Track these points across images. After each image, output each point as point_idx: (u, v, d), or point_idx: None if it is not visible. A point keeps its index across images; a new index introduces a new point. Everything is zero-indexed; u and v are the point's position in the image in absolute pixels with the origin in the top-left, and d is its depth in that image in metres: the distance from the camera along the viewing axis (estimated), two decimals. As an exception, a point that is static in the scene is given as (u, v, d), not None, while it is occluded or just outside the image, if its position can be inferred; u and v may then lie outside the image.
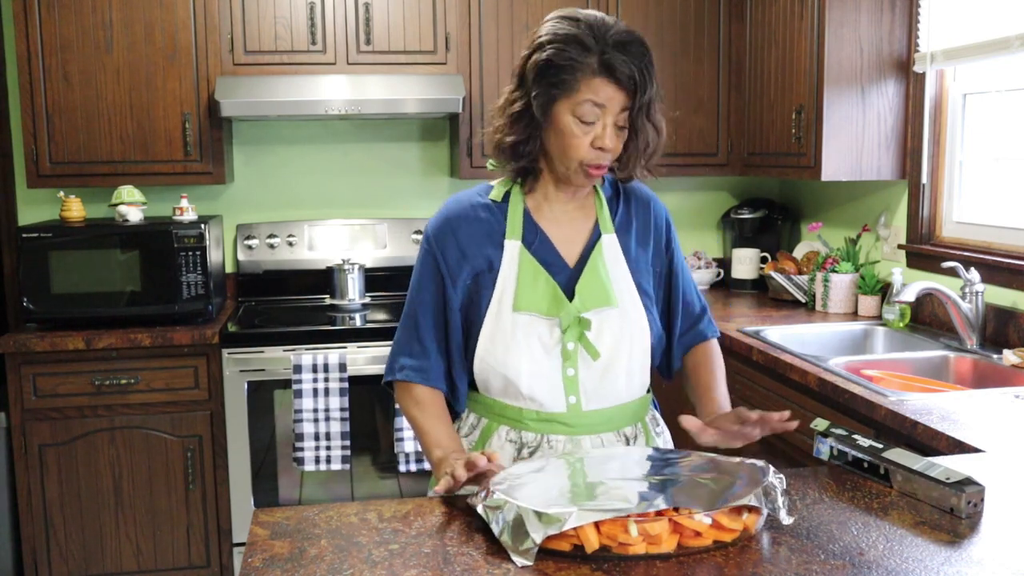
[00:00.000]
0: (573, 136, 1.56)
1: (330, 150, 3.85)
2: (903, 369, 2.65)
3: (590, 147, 1.56)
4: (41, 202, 3.65)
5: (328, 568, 1.23)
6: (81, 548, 3.18)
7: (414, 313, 1.70)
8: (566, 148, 1.57)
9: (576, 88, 1.54)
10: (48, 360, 3.10)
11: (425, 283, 1.71)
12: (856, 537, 1.31)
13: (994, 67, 2.87)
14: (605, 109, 1.55)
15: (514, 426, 1.64)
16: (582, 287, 1.62)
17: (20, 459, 3.13)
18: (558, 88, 1.55)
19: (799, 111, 3.23)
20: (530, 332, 1.61)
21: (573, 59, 1.53)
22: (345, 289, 3.57)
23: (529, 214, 1.67)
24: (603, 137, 1.55)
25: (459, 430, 1.72)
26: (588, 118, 1.55)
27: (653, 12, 3.59)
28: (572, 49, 1.53)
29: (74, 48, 3.28)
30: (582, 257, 1.66)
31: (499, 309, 1.62)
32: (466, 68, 3.52)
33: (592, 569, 1.21)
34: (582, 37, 1.53)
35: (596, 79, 1.53)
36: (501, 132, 1.63)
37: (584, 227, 1.69)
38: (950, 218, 3.10)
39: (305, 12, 3.40)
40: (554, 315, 1.61)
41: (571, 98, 1.54)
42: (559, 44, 1.54)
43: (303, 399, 3.10)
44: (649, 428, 1.73)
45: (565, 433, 1.63)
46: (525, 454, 1.63)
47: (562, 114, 1.56)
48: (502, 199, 1.68)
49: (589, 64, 1.53)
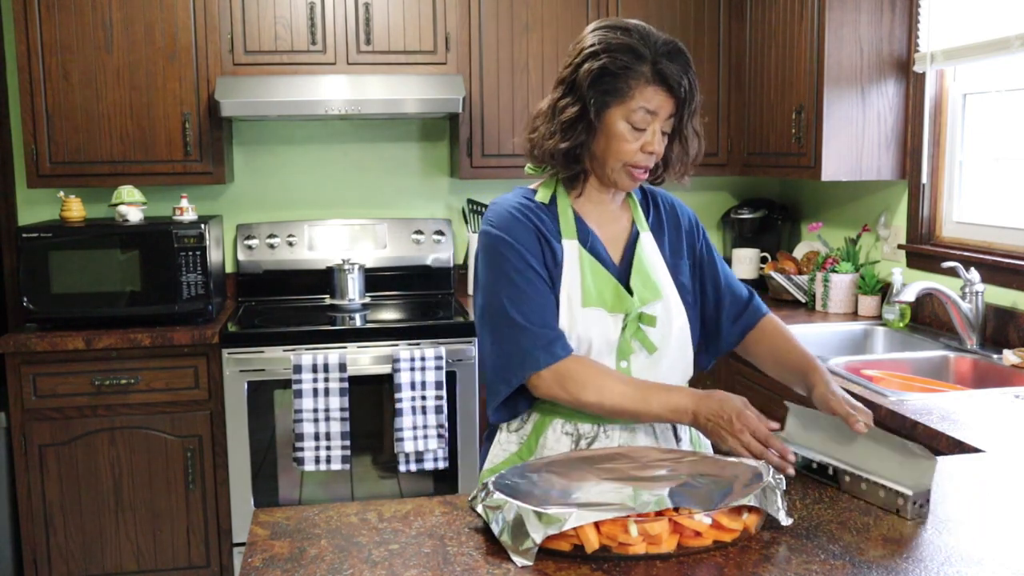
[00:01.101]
0: (625, 141, 1.62)
1: (330, 150, 3.85)
2: (903, 369, 2.65)
3: (638, 151, 1.63)
4: (41, 202, 3.65)
5: (328, 568, 1.23)
6: (81, 548, 3.18)
7: (505, 308, 1.62)
8: (616, 152, 1.63)
9: (630, 95, 1.59)
10: (48, 360, 3.10)
11: (512, 272, 1.64)
12: (856, 537, 1.31)
13: (994, 67, 2.87)
14: (656, 116, 1.61)
15: (569, 419, 1.67)
16: (636, 281, 1.69)
17: (20, 459, 3.13)
18: (612, 95, 1.60)
19: (799, 111, 3.23)
20: (597, 327, 1.64)
21: (628, 67, 1.58)
22: (345, 289, 3.57)
23: (578, 214, 1.71)
24: (652, 143, 1.63)
25: (507, 425, 1.74)
26: (640, 124, 1.61)
27: (653, 12, 3.59)
28: (626, 57, 1.58)
29: (74, 48, 3.28)
30: (625, 255, 1.73)
31: (570, 307, 1.65)
32: (466, 68, 3.52)
33: (592, 569, 1.21)
34: (635, 46, 1.59)
35: (649, 87, 1.59)
36: (552, 139, 1.65)
37: (623, 227, 1.75)
38: (950, 218, 3.10)
39: (305, 12, 3.40)
40: (618, 311, 1.65)
41: (625, 105, 1.60)
42: (614, 53, 1.59)
43: (303, 399, 3.10)
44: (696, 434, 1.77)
45: (621, 423, 1.67)
46: (583, 445, 1.67)
47: (615, 120, 1.61)
48: (549, 201, 1.71)
49: (643, 72, 1.59)
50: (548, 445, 1.68)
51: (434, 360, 3.15)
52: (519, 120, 3.57)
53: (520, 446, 1.71)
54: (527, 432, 1.71)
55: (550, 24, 3.55)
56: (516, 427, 1.72)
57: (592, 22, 1.70)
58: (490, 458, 1.76)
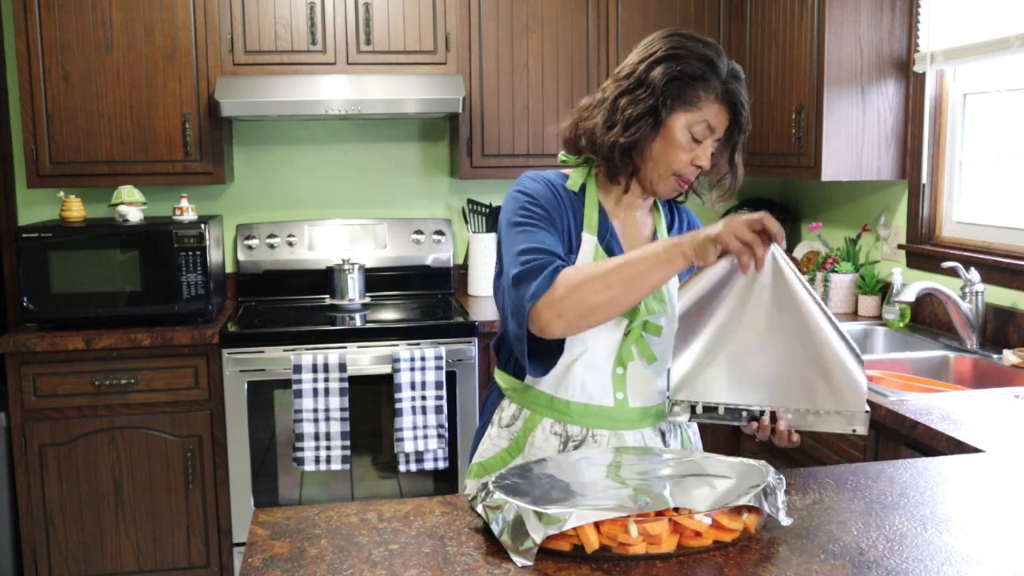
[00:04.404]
0: (681, 149, 1.61)
1: (330, 150, 3.85)
2: (903, 369, 2.65)
3: (689, 162, 1.62)
4: (41, 202, 3.65)
5: (328, 568, 1.23)
6: (81, 548, 3.18)
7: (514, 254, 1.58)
8: (669, 158, 1.62)
9: (698, 106, 1.60)
10: (48, 360, 3.10)
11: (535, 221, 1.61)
12: (856, 537, 1.31)
13: (994, 67, 2.87)
14: (713, 133, 1.62)
15: (559, 419, 1.68)
16: None
17: (20, 459, 3.13)
18: (682, 101, 1.60)
19: (799, 111, 3.23)
20: (598, 329, 1.63)
21: (703, 78, 1.59)
22: (345, 289, 3.57)
23: (603, 210, 1.71)
24: (703, 158, 1.63)
25: (499, 419, 1.75)
26: (699, 136, 1.62)
27: (653, 12, 3.59)
28: (705, 68, 1.59)
29: (74, 48, 3.28)
30: None
31: None
32: (466, 68, 3.52)
33: (592, 569, 1.21)
34: (715, 60, 1.60)
35: (717, 104, 1.61)
36: (612, 131, 1.63)
37: (646, 234, 1.75)
38: (950, 218, 3.10)
39: (305, 12, 3.40)
40: (622, 316, 1.64)
41: (691, 114, 1.60)
42: (694, 60, 1.59)
43: (303, 399, 3.10)
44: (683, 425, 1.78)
45: (610, 427, 1.67)
46: (571, 447, 1.67)
47: (678, 126, 1.61)
48: (578, 190, 1.70)
49: (715, 87, 1.60)
50: (536, 444, 1.68)
51: (434, 360, 3.15)
52: (519, 120, 3.57)
53: (510, 442, 1.72)
54: (517, 429, 1.71)
55: (550, 24, 3.55)
56: (507, 422, 1.73)
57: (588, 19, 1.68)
58: (480, 451, 1.77)
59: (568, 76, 3.57)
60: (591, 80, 3.56)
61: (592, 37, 3.57)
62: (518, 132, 3.58)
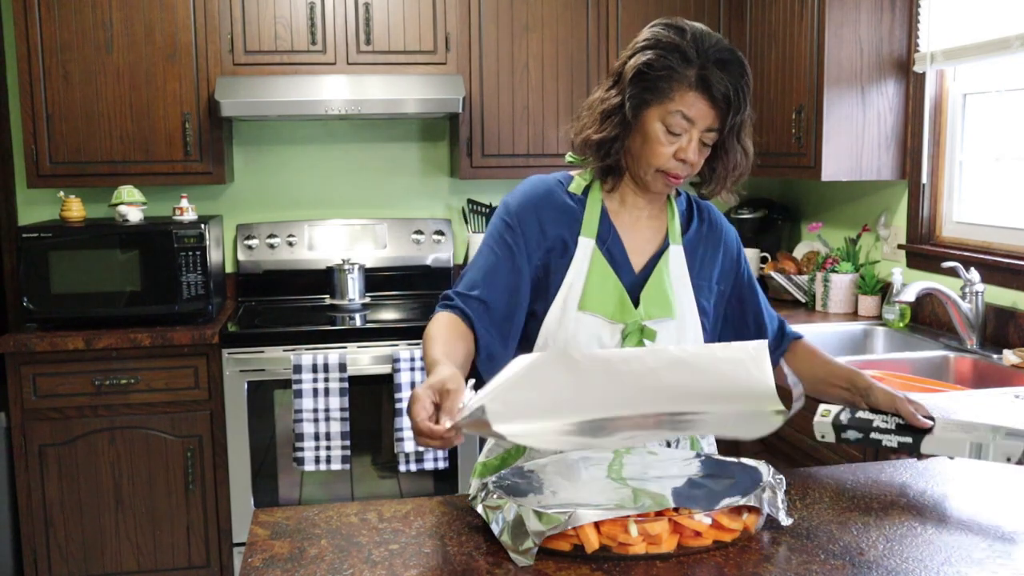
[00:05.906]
0: (658, 143, 1.57)
1: (330, 150, 3.85)
2: (903, 369, 2.65)
3: (672, 157, 1.58)
4: (41, 202, 3.65)
5: (328, 568, 1.23)
6: (81, 548, 3.18)
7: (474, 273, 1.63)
8: (648, 154, 1.59)
9: (670, 97, 1.55)
10: (48, 360, 3.10)
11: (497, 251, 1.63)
12: (856, 537, 1.31)
13: (994, 67, 2.87)
14: (694, 124, 1.56)
15: None
16: (647, 295, 1.63)
17: (20, 459, 3.12)
18: (651, 94, 1.56)
19: (799, 111, 3.23)
20: (592, 334, 1.60)
21: (672, 68, 1.54)
22: (345, 289, 3.57)
23: (606, 213, 1.67)
24: (686, 150, 1.57)
25: None
26: (675, 129, 1.56)
27: (653, 12, 3.59)
28: (672, 58, 1.55)
29: (74, 48, 3.28)
30: (648, 264, 1.67)
31: (564, 306, 1.61)
32: (466, 68, 3.52)
33: (592, 569, 1.21)
34: (684, 48, 1.55)
35: (691, 93, 1.54)
36: (589, 128, 1.63)
37: (654, 235, 1.70)
38: (950, 218, 3.10)
39: (305, 12, 3.40)
40: (619, 320, 1.61)
41: (663, 106, 1.56)
42: (660, 51, 1.56)
43: (303, 399, 3.10)
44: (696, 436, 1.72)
45: None
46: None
47: (651, 120, 1.57)
48: (582, 192, 1.68)
49: (687, 76, 1.54)
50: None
51: (434, 360, 3.14)
52: (519, 120, 3.57)
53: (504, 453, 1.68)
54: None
55: (550, 24, 3.55)
56: None
57: (588, 19, 1.68)
58: (485, 451, 1.76)
59: (568, 76, 3.57)
60: (591, 80, 3.56)
61: (592, 37, 3.57)
62: (518, 132, 3.58)
